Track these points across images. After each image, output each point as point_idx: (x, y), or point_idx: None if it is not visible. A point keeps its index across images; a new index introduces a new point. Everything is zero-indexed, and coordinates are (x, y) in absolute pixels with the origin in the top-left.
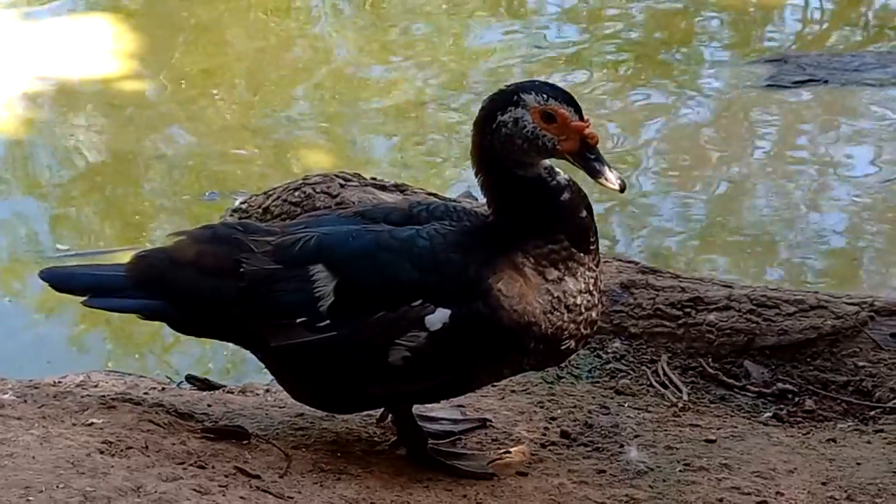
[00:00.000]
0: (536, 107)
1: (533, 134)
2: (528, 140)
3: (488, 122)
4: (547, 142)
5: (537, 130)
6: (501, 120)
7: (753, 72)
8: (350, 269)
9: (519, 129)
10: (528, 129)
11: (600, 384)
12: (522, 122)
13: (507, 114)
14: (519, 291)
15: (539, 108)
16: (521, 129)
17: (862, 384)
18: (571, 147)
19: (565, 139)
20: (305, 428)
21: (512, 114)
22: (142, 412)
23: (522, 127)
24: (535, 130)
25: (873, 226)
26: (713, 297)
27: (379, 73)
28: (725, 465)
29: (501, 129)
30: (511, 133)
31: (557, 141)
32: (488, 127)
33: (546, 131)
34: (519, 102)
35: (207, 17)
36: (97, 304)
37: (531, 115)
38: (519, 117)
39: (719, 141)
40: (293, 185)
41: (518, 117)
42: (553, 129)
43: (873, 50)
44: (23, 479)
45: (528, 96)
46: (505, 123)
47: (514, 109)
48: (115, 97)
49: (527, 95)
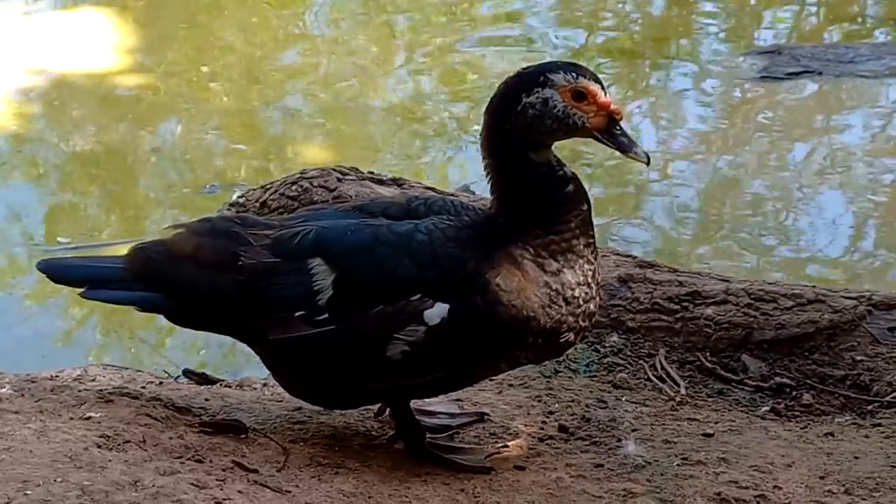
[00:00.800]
0: (566, 85)
1: (564, 113)
2: (559, 119)
3: (511, 105)
4: (577, 120)
5: (568, 109)
6: (528, 101)
7: (748, 63)
8: (349, 263)
9: (549, 109)
10: (559, 108)
11: (598, 378)
12: (553, 101)
13: (533, 95)
14: (517, 286)
15: (570, 87)
16: (551, 108)
17: (860, 378)
18: (599, 123)
19: (593, 116)
20: (303, 422)
21: (540, 94)
22: (139, 406)
23: (553, 107)
24: (566, 109)
25: (870, 218)
26: (711, 291)
27: (377, 69)
28: (723, 459)
29: (528, 111)
30: (540, 113)
31: (587, 119)
32: (511, 109)
33: (577, 109)
34: (546, 83)
35: (205, 11)
36: (94, 296)
37: (561, 94)
38: (548, 97)
39: (714, 132)
40: (290, 178)
41: (547, 97)
42: (584, 106)
43: (867, 42)
44: (20, 473)
45: (555, 76)
46: (532, 105)
47: (543, 90)
48: (112, 90)
49: (554, 75)
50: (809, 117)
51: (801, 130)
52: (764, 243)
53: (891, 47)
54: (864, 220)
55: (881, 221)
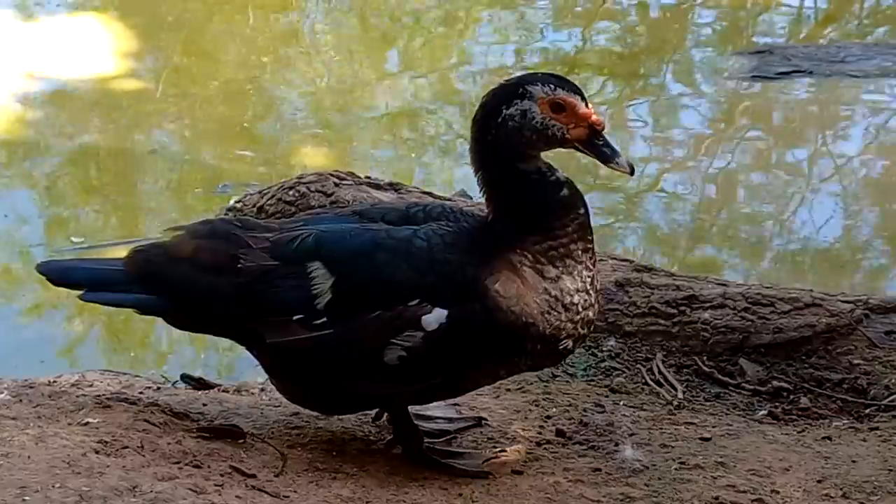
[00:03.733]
0: (544, 97)
1: (542, 125)
2: (538, 131)
3: (492, 117)
4: (556, 131)
5: (547, 121)
6: (508, 113)
7: (739, 63)
8: (348, 267)
9: (528, 121)
10: (538, 119)
11: (595, 382)
12: (531, 113)
13: (513, 107)
14: (517, 292)
15: (548, 99)
16: (529, 120)
17: (857, 382)
18: (580, 135)
19: (574, 127)
20: (301, 427)
21: (519, 106)
22: (137, 412)
23: (531, 118)
24: (545, 121)
25: (865, 220)
26: (708, 295)
27: (374, 74)
28: (721, 464)
29: (508, 123)
30: (519, 125)
31: (567, 130)
32: (492, 121)
33: (555, 121)
34: (525, 94)
35: (203, 17)
36: (94, 299)
37: (539, 106)
38: (527, 109)
39: (706, 133)
40: (288, 183)
41: (526, 109)
42: (562, 118)
43: (858, 42)
44: (18, 478)
45: (534, 88)
46: (512, 116)
47: (521, 102)
48: (111, 95)
49: (533, 87)
50: (801, 117)
51: (792, 130)
52: (759, 245)
53: (882, 47)
54: (858, 221)
55: (875, 222)
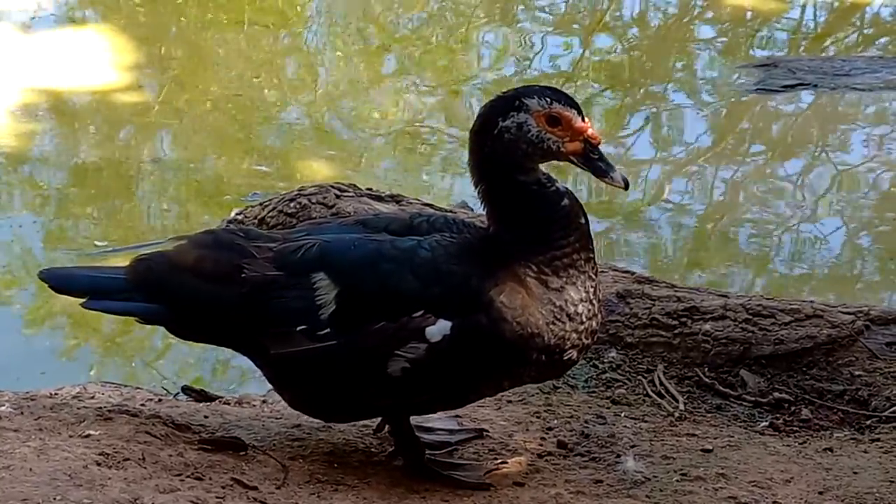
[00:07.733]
0: (540, 111)
1: (538, 137)
2: (533, 144)
3: (488, 129)
4: (552, 144)
5: (542, 134)
6: (504, 126)
7: (743, 76)
8: (352, 277)
9: (523, 134)
10: (533, 132)
11: (597, 394)
12: (527, 126)
13: (508, 119)
14: (521, 303)
15: (544, 112)
16: (525, 133)
17: (858, 393)
18: (575, 148)
19: (569, 141)
20: (302, 439)
21: (515, 119)
22: (139, 424)
23: (527, 131)
24: (541, 134)
25: (867, 231)
26: (709, 306)
27: (374, 86)
28: (722, 475)
29: (504, 135)
30: (515, 138)
31: (562, 143)
32: (489, 134)
33: (551, 134)
34: (521, 107)
35: (204, 29)
36: (96, 307)
37: (535, 118)
38: (522, 122)
39: (709, 145)
40: (288, 195)
41: (522, 122)
42: (558, 131)
43: (863, 55)
44: (20, 491)
45: (530, 101)
46: (508, 129)
47: (517, 114)
48: (112, 107)
49: (529, 100)
50: (805, 130)
51: (796, 143)
52: (761, 257)
53: (887, 60)
54: (860, 234)
55: (878, 234)
